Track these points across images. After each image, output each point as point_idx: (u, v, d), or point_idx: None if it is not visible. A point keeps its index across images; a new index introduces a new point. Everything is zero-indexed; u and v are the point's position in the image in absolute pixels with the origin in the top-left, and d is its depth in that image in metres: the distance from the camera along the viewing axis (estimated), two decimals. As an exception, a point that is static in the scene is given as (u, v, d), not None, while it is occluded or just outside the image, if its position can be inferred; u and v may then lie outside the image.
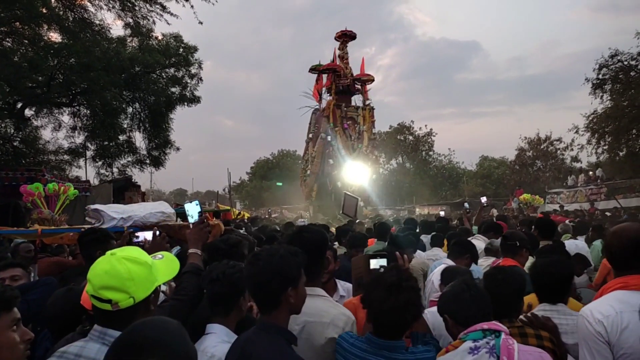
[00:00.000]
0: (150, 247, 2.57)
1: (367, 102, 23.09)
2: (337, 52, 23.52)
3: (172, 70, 18.61)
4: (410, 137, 49.35)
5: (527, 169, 39.30)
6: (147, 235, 2.91)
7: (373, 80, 23.49)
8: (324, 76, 22.96)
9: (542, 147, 39.32)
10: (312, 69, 23.06)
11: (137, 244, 2.86)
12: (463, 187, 43.42)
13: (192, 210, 2.52)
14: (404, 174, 46.12)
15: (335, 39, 23.69)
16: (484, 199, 7.34)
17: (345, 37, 23.58)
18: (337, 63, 23.29)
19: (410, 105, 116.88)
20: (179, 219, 4.39)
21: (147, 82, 17.77)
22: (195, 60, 18.76)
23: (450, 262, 3.45)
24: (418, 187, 44.44)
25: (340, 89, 22.75)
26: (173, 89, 18.81)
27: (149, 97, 18.42)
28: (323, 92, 22.85)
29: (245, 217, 18.88)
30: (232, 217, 13.93)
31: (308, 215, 20.27)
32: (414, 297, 1.79)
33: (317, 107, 22.87)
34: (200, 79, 19.10)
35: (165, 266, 1.69)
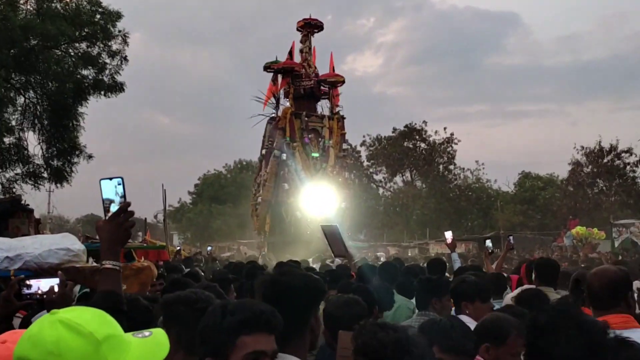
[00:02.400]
0: (51, 302, 2.56)
1: (337, 110, 24.47)
2: (299, 46, 24.86)
3: (83, 45, 18.57)
4: (423, 145, 50.02)
5: (584, 190, 40.09)
6: (46, 284, 2.87)
7: (343, 81, 24.85)
8: (280, 76, 24.31)
9: (605, 160, 40.18)
10: (267, 67, 24.43)
11: (28, 297, 2.82)
12: (496, 216, 44.00)
13: (110, 192, 2.28)
14: (414, 197, 46.53)
15: (297, 29, 25.02)
16: (488, 242, 8.13)
17: (309, 27, 24.90)
18: (295, 61, 24.54)
19: (423, 100, 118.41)
20: (91, 260, 4.35)
21: (48, 62, 17.69)
22: (119, 32, 18.82)
23: None
24: (433, 214, 44.81)
25: (302, 94, 23.94)
26: (85, 72, 18.76)
27: (49, 83, 18.31)
28: (280, 96, 24.20)
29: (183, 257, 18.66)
30: (168, 257, 13.77)
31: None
32: None
33: (273, 114, 24.16)
34: (125, 58, 19.16)
35: (143, 350, 1.62)
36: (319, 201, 21.81)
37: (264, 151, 24.26)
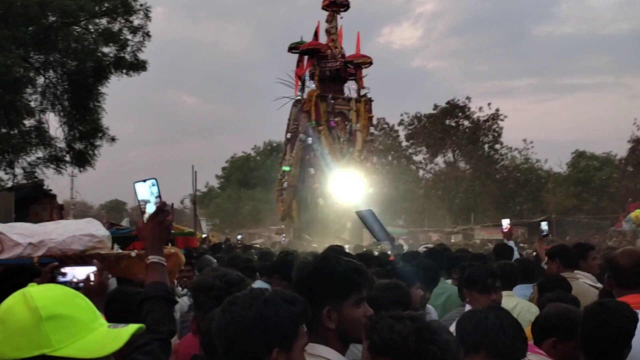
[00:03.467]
0: (88, 290, 2.65)
1: (363, 92, 24.75)
2: (325, 25, 25.12)
3: (104, 20, 18.79)
4: (466, 122, 49.49)
5: (645, 170, 39.20)
6: (82, 272, 2.95)
7: (370, 62, 25.10)
8: (306, 58, 24.73)
9: (669, 137, 39.31)
10: (292, 48, 24.97)
11: (63, 285, 2.92)
12: (547, 199, 43.35)
13: (145, 194, 2.53)
14: (457, 179, 46.08)
15: (322, 8, 25.30)
16: (543, 225, 8.01)
17: (334, 5, 25.04)
18: (321, 41, 24.91)
19: (466, 74, 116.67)
20: (116, 246, 4.45)
21: (67, 39, 17.94)
22: (140, 6, 18.98)
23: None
24: (478, 198, 44.38)
25: (327, 75, 24.30)
26: (106, 49, 19.01)
27: (69, 62, 18.58)
28: (306, 78, 24.53)
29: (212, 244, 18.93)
30: (197, 245, 13.99)
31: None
32: None
33: (299, 96, 24.59)
34: (147, 34, 19.34)
35: (99, 339, 1.68)
36: (345, 187, 22.17)
37: (289, 135, 24.82)
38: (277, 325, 1.78)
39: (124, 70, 19.06)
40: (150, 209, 2.49)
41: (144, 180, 2.54)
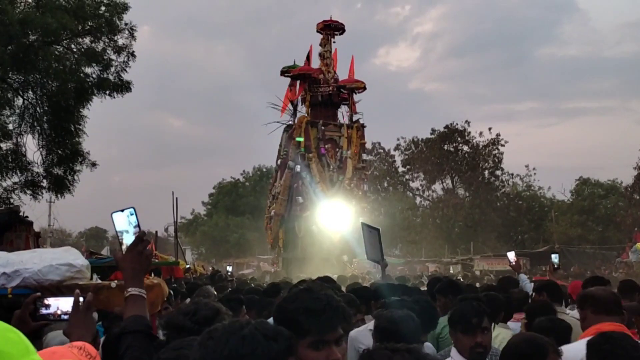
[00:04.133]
0: (71, 325, 2.58)
1: (356, 118, 25.49)
2: (319, 49, 26.04)
3: (87, 40, 18.88)
4: (465, 148, 49.79)
5: (652, 198, 39.42)
6: (67, 303, 2.89)
7: (364, 87, 25.61)
8: (298, 82, 25.45)
9: (676, 164, 39.61)
10: (284, 72, 25.66)
11: (46, 318, 2.85)
12: (551, 228, 43.47)
13: (123, 224, 2.57)
14: (455, 206, 46.23)
15: (317, 31, 26.07)
16: (554, 257, 8.14)
17: (329, 29, 25.85)
18: (312, 66, 25.75)
19: (465, 97, 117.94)
20: (95, 276, 4.39)
21: (48, 59, 17.98)
22: (125, 25, 19.10)
23: None
24: (478, 226, 44.49)
25: (319, 100, 24.94)
26: (88, 70, 19.04)
27: (49, 83, 18.61)
28: (297, 103, 25.29)
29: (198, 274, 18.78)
30: (182, 275, 13.89)
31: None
32: None
33: (290, 122, 25.32)
34: (132, 53, 19.43)
35: None
36: (335, 216, 22.71)
37: (279, 161, 25.45)
38: None
39: (107, 92, 19.05)
40: (129, 239, 2.52)
41: (122, 210, 2.57)
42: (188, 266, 20.03)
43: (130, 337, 2.18)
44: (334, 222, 22.72)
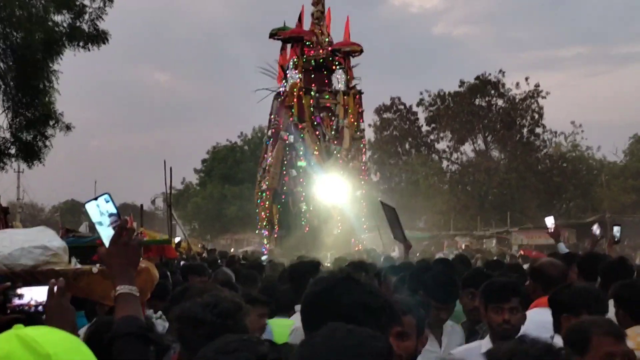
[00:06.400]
0: (47, 317, 2.62)
1: (353, 84, 26.09)
2: (312, 9, 26.46)
3: (56, -18, 18.74)
4: (500, 102, 49.50)
5: None
6: (42, 293, 2.91)
7: (361, 51, 26.34)
8: (289, 46, 26.21)
9: None
10: (273, 35, 26.59)
11: (19, 309, 2.87)
12: (601, 194, 43.42)
13: (96, 214, 2.56)
14: (489, 171, 46.15)
15: None
16: (595, 228, 8.38)
17: None
18: (305, 28, 26.24)
19: (500, 43, 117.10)
20: (73, 260, 4.44)
21: (9, 5, 17.92)
22: (101, -34, 18.92)
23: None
24: (516, 194, 44.44)
25: (312, 66, 25.52)
26: (58, 18, 18.97)
27: (13, 34, 18.56)
28: (289, 68, 25.85)
29: (196, 253, 18.96)
30: (175, 255, 14.01)
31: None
32: None
33: (281, 88, 25.99)
34: (110, -1, 19.31)
35: None
36: (332, 189, 23.49)
37: (269, 132, 26.54)
38: None
39: (81, 43, 19.03)
40: (106, 231, 2.51)
41: (96, 198, 2.57)
42: (179, 240, 20.24)
43: (122, 342, 2.21)
44: (332, 196, 23.47)
